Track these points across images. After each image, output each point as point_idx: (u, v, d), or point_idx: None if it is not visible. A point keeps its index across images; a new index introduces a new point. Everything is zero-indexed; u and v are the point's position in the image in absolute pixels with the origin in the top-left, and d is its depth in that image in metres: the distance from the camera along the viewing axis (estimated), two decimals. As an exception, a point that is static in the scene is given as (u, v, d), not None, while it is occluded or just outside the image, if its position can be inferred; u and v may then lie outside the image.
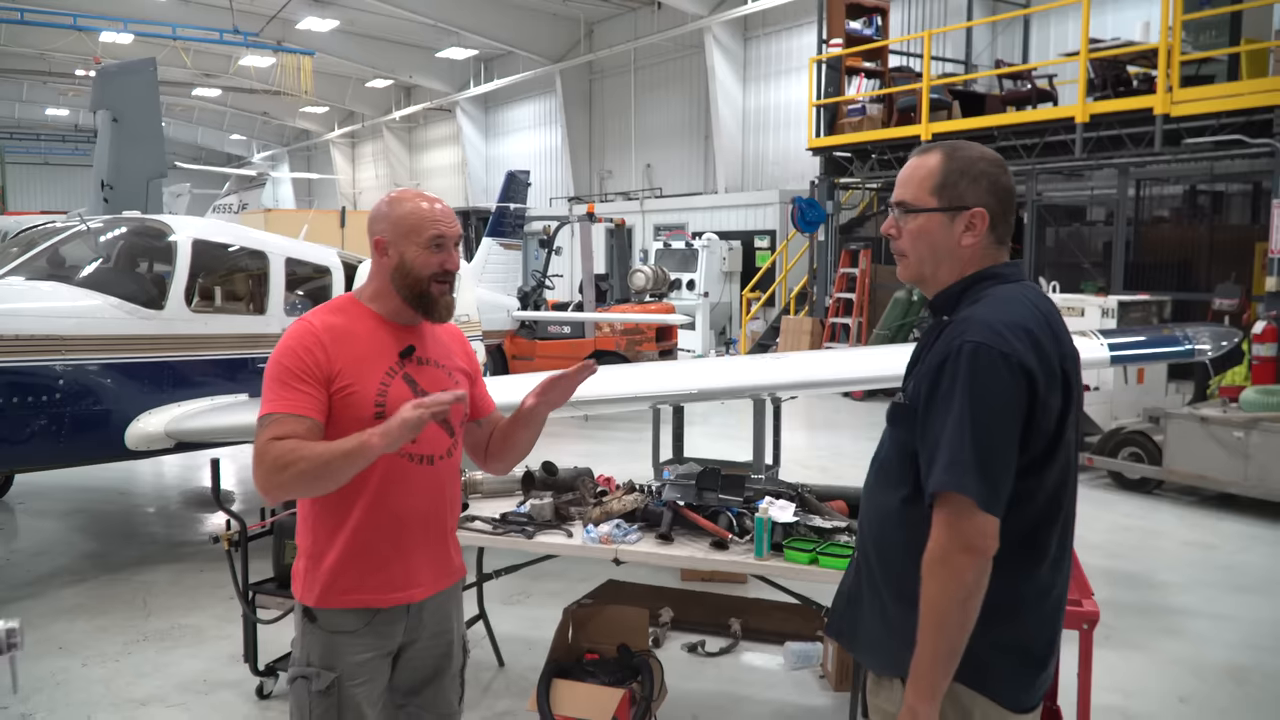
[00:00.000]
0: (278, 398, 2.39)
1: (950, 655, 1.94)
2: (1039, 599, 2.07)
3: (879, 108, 14.53)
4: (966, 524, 1.91)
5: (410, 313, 2.59)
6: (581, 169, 27.00)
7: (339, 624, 2.54)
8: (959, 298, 2.12)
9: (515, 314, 12.28)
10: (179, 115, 41.21)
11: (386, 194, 2.67)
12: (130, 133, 11.51)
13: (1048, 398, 1.97)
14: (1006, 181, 2.13)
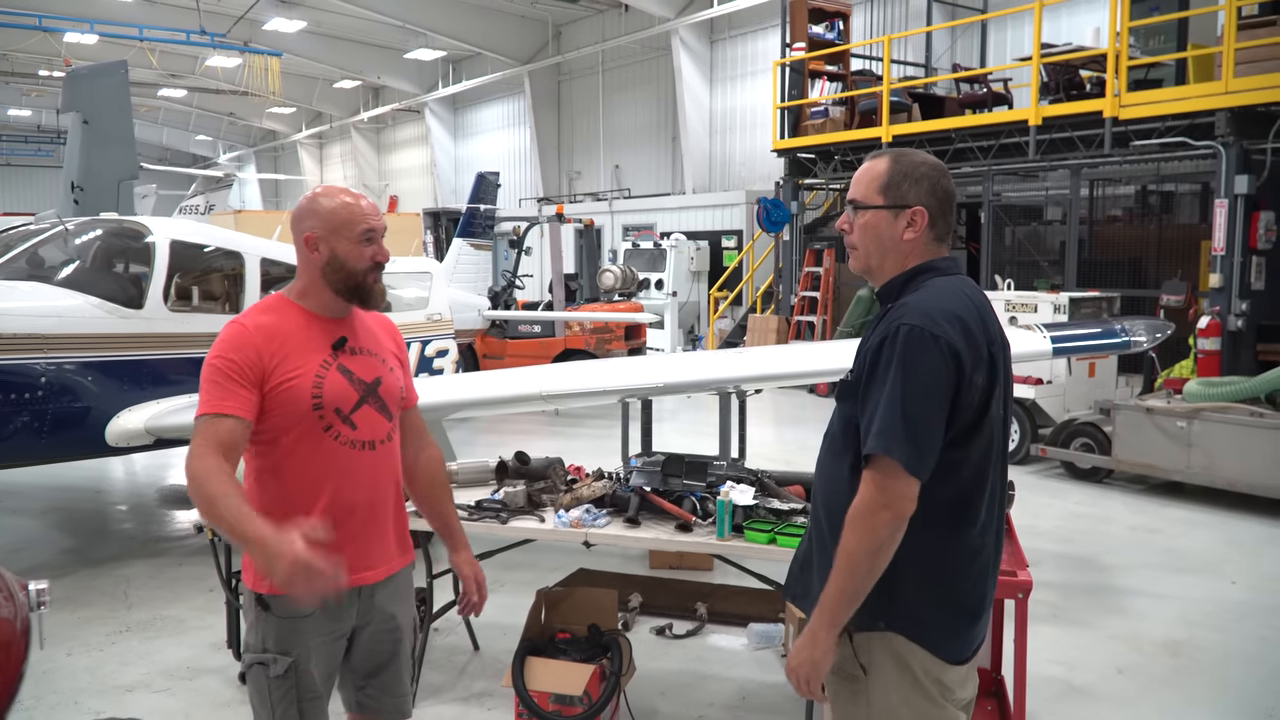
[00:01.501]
0: (210, 398, 2.49)
1: (854, 596, 2.20)
2: (970, 559, 2.31)
3: (841, 110, 14.85)
4: (891, 484, 2.15)
5: (341, 305, 2.69)
6: (550, 170, 27.16)
7: (290, 609, 2.58)
8: (902, 288, 2.36)
9: (486, 313, 12.47)
10: (145, 116, 40.75)
11: (309, 192, 2.74)
12: (101, 135, 11.57)
13: (973, 376, 2.21)
14: (946, 185, 2.39)
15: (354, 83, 32.67)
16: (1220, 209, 10.24)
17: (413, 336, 8.44)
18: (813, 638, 2.24)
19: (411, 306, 8.91)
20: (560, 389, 5.69)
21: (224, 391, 2.47)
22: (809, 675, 2.27)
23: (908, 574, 2.24)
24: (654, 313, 17.22)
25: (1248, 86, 9.86)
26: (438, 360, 8.53)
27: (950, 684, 2.32)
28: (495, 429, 11.78)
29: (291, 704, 2.65)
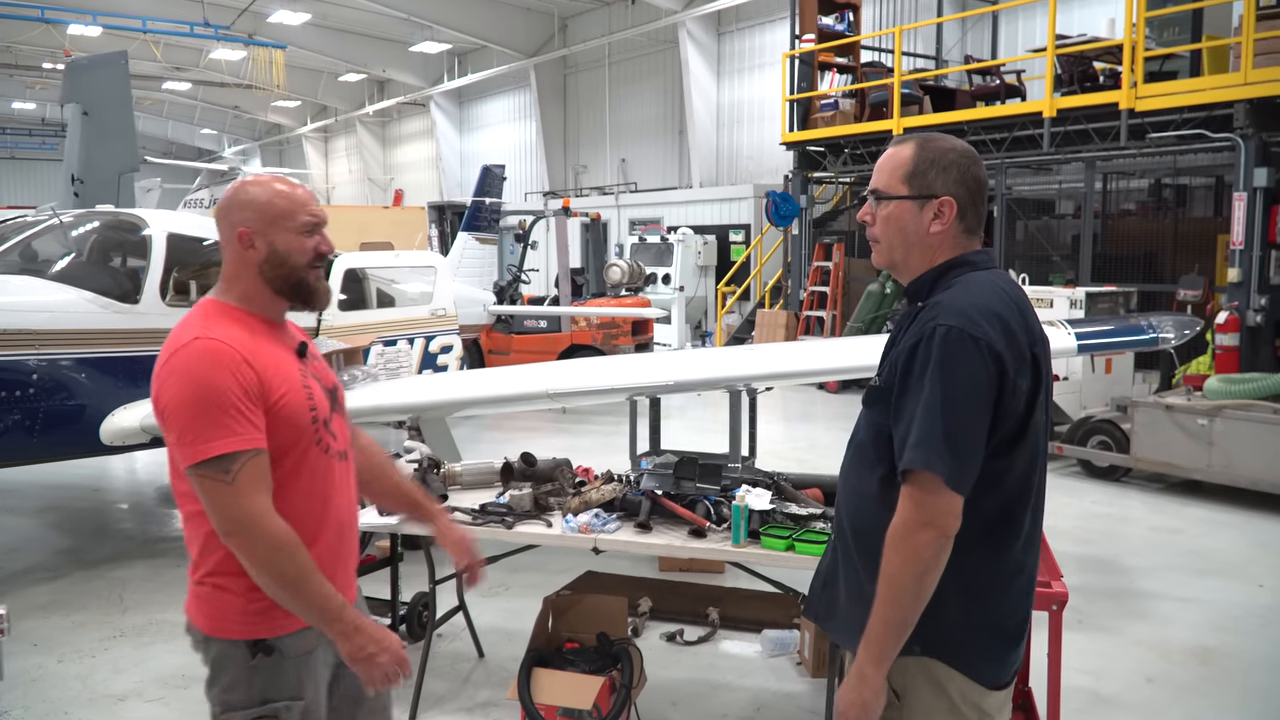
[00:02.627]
0: (236, 431, 2.16)
1: (902, 625, 2.02)
2: (1012, 577, 2.15)
3: (851, 103, 14.65)
4: (932, 501, 1.98)
5: (281, 307, 2.41)
6: (556, 163, 26.97)
7: (301, 646, 2.35)
8: (932, 284, 2.19)
9: (491, 308, 12.29)
10: (149, 109, 40.66)
11: (236, 182, 2.43)
12: (101, 127, 11.41)
13: (1017, 380, 2.03)
14: (977, 172, 2.20)
15: (359, 76, 32.47)
16: (1239, 202, 10.03)
17: (417, 332, 8.29)
18: (860, 677, 2.06)
19: (415, 301, 8.75)
20: (567, 387, 5.52)
21: (242, 422, 2.17)
22: (860, 718, 2.08)
23: (947, 595, 2.05)
24: (661, 308, 17.08)
25: (1267, 78, 9.65)
26: (442, 356, 8.37)
27: (990, 710, 2.16)
28: (501, 426, 11.62)
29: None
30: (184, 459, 2.17)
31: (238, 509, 2.16)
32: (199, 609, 2.33)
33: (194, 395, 2.15)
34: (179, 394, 2.17)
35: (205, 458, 2.14)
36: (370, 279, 8.71)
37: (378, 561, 5.10)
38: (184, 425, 2.16)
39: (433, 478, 4.44)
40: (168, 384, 2.19)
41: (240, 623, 2.29)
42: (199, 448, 2.15)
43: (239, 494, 2.16)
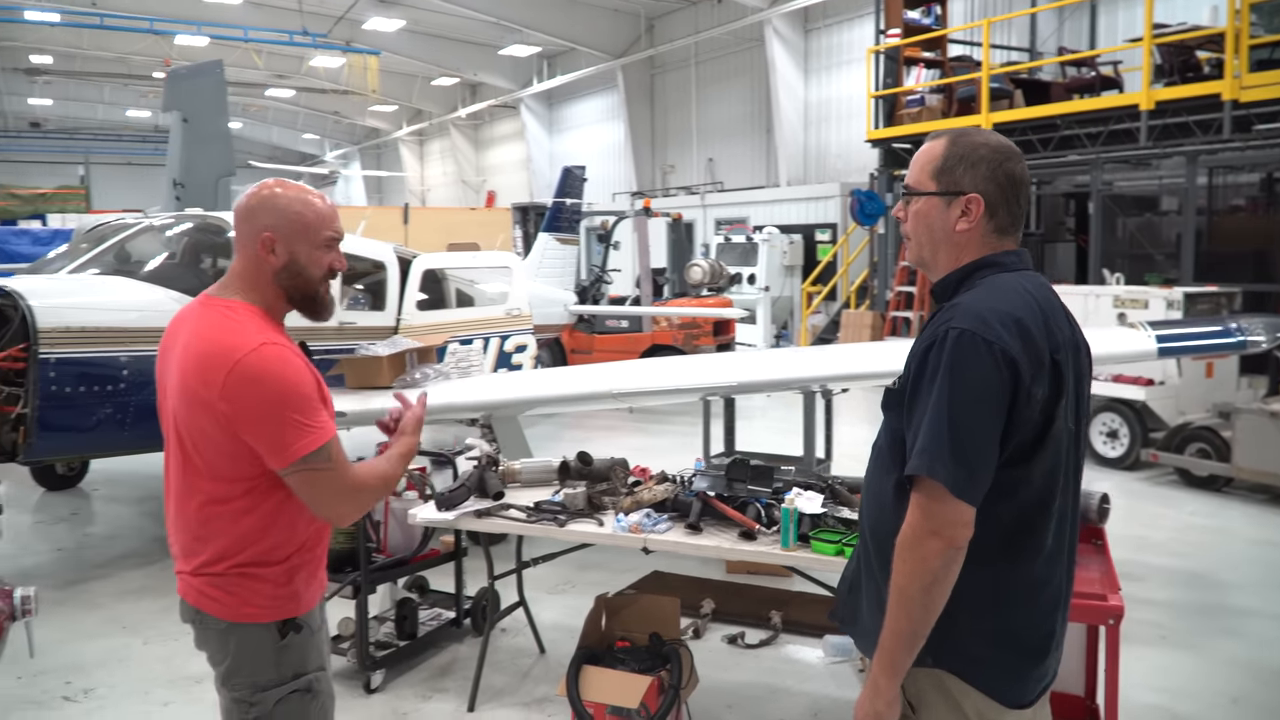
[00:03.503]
0: (319, 425, 2.30)
1: (912, 637, 1.97)
2: (1032, 592, 2.07)
3: (939, 98, 14.32)
4: (939, 509, 1.92)
5: (286, 311, 2.49)
6: (644, 164, 27.05)
7: (317, 620, 2.52)
8: (958, 285, 2.13)
9: (571, 308, 12.38)
10: (254, 115, 42.24)
11: (261, 185, 2.46)
12: (199, 133, 11.84)
13: (1033, 387, 1.95)
14: (1011, 169, 2.11)
15: (452, 80, 33.10)
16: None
17: (492, 332, 8.40)
18: (874, 688, 2.02)
19: (492, 301, 8.88)
20: (630, 387, 5.53)
21: (323, 416, 2.33)
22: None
23: (961, 608, 1.99)
24: (746, 308, 16.97)
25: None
26: (516, 356, 8.47)
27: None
28: (580, 425, 11.70)
29: (325, 716, 2.54)
30: (285, 459, 2.27)
31: (345, 485, 2.35)
32: (221, 598, 2.38)
33: (282, 399, 2.25)
34: (266, 400, 2.24)
35: (308, 451, 2.27)
36: (449, 279, 8.87)
37: (441, 556, 5.18)
38: (279, 428, 2.25)
39: (490, 475, 4.49)
40: (248, 391, 2.24)
41: (269, 607, 2.39)
42: (300, 445, 2.26)
43: (343, 473, 2.34)
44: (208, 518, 2.38)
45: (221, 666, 2.44)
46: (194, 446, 2.35)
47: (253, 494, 2.35)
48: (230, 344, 2.28)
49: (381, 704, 4.61)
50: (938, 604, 1.95)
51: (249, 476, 2.34)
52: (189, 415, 2.33)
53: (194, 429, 2.33)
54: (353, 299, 8.12)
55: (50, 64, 31.43)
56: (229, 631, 2.39)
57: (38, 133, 39.62)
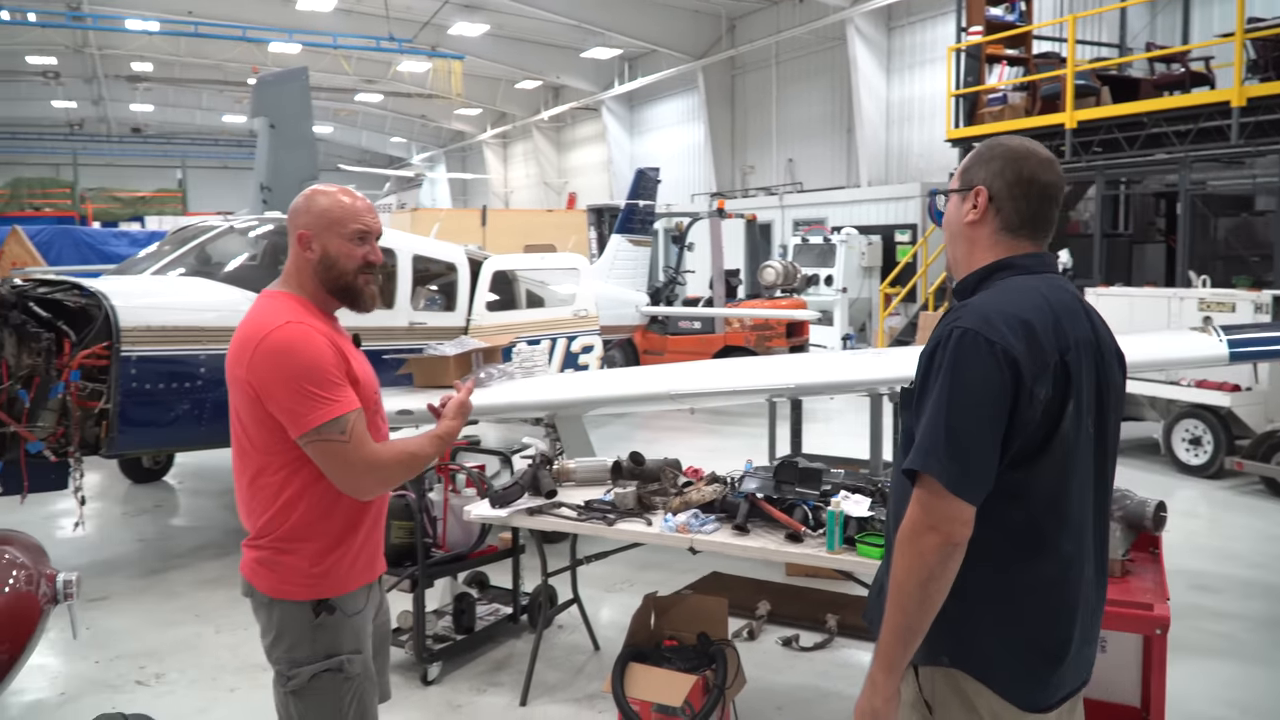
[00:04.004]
0: (336, 398, 2.44)
1: (909, 632, 1.96)
2: (1045, 595, 2.05)
3: (1022, 96, 13.98)
4: (937, 505, 1.93)
5: (333, 304, 2.66)
6: (724, 164, 27.01)
7: (356, 605, 2.63)
8: (975, 287, 2.16)
9: (643, 309, 12.44)
10: (344, 120, 43.35)
11: (308, 189, 2.69)
12: (285, 137, 12.22)
13: (1035, 388, 1.95)
14: (1028, 171, 2.12)
15: (535, 83, 33.50)
16: None
17: (559, 333, 8.51)
18: (872, 684, 2.03)
19: (559, 302, 8.99)
20: (687, 388, 5.56)
21: (342, 390, 2.47)
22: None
23: (975, 608, 2.01)
24: (823, 309, 16.81)
25: None
26: (583, 356, 8.57)
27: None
28: (650, 426, 11.76)
29: (363, 697, 2.64)
30: (300, 428, 2.43)
31: (360, 460, 2.47)
32: (263, 574, 2.56)
33: (298, 371, 2.42)
34: (282, 371, 2.43)
35: (322, 422, 2.42)
36: (520, 281, 9.00)
37: (499, 552, 5.28)
38: (294, 399, 2.42)
39: (543, 473, 4.57)
40: (269, 364, 2.43)
41: (304, 585, 2.54)
42: (315, 415, 2.42)
43: (357, 447, 2.47)
44: (254, 492, 2.57)
45: (267, 639, 2.61)
46: (240, 424, 2.55)
47: (287, 469, 2.51)
48: (260, 325, 2.49)
49: (437, 696, 4.73)
50: (935, 600, 1.95)
51: (282, 452, 2.49)
52: (233, 394, 2.55)
53: (237, 407, 2.54)
54: (429, 300, 8.30)
55: (150, 71, 32.79)
56: (271, 605, 2.57)
57: (138, 138, 41.30)
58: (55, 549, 6.83)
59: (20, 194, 25.99)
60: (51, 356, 5.54)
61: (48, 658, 5.25)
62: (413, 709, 4.60)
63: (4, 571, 2.12)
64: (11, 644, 2.01)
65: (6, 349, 5.47)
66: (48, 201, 25.86)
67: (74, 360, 5.58)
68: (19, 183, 26.16)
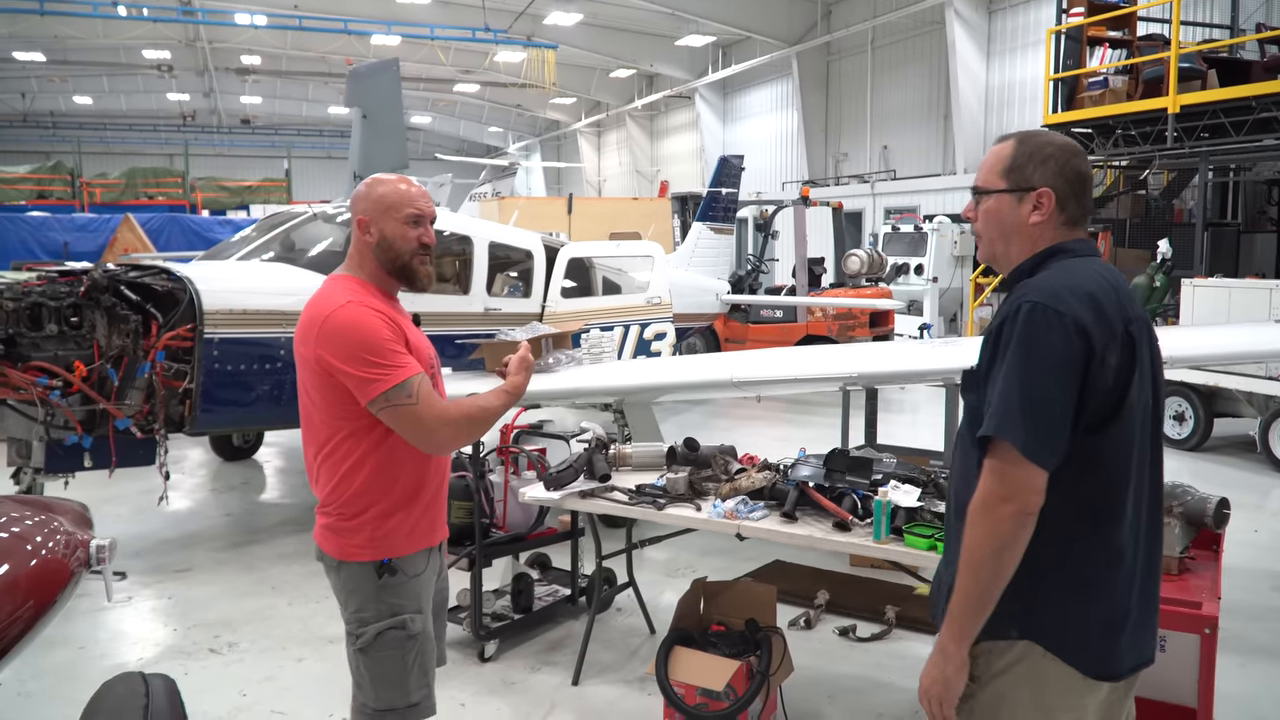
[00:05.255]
0: (402, 364, 2.62)
1: (981, 601, 2.01)
2: (1114, 564, 2.10)
3: (1124, 80, 13.44)
4: (1011, 473, 1.98)
5: (393, 285, 2.85)
6: (817, 152, 26.66)
7: (416, 567, 2.81)
8: (1031, 271, 2.22)
9: (724, 297, 12.41)
10: (442, 110, 44.15)
11: (369, 179, 2.89)
12: (377, 127, 12.54)
13: (1105, 355, 2.02)
14: (1078, 165, 2.22)
15: (628, 71, 33.60)
16: None
17: (633, 319, 8.56)
18: (942, 654, 2.07)
19: (633, 289, 9.03)
20: (750, 375, 5.53)
21: (404, 356, 2.65)
22: (941, 696, 2.09)
23: (1047, 578, 2.05)
24: (913, 299, 16.49)
25: None
26: (655, 343, 8.59)
27: (1087, 706, 2.10)
28: (727, 414, 11.74)
29: (424, 656, 2.82)
30: (368, 395, 2.62)
31: (431, 417, 2.65)
32: (331, 538, 2.78)
33: (361, 344, 2.62)
34: (348, 346, 2.61)
35: (389, 386, 2.60)
36: (596, 268, 9.08)
37: (558, 534, 5.35)
38: (362, 369, 2.61)
39: (598, 457, 4.61)
40: (333, 341, 2.63)
41: (367, 547, 2.73)
42: (380, 382, 2.61)
43: (427, 407, 2.65)
44: (322, 462, 2.76)
45: (340, 600, 2.82)
46: (308, 398, 2.75)
47: (352, 439, 2.69)
48: (322, 307, 2.70)
49: (493, 672, 4.83)
50: (1008, 569, 1.99)
51: (349, 422, 2.68)
52: (301, 371, 2.75)
53: (305, 383, 2.74)
54: (512, 287, 8.44)
55: (258, 64, 33.94)
56: (340, 569, 2.78)
57: (247, 129, 42.81)
58: (146, 522, 7.29)
59: (135, 184, 27.15)
60: (139, 338, 5.81)
61: (130, 624, 5.54)
62: (468, 683, 4.71)
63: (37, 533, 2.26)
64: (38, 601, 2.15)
65: (98, 330, 5.76)
66: (160, 190, 26.96)
67: (160, 341, 5.84)
68: (134, 173, 27.33)
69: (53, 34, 27.84)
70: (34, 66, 33.49)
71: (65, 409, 5.67)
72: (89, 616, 5.68)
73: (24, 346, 5.66)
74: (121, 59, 33.50)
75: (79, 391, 5.68)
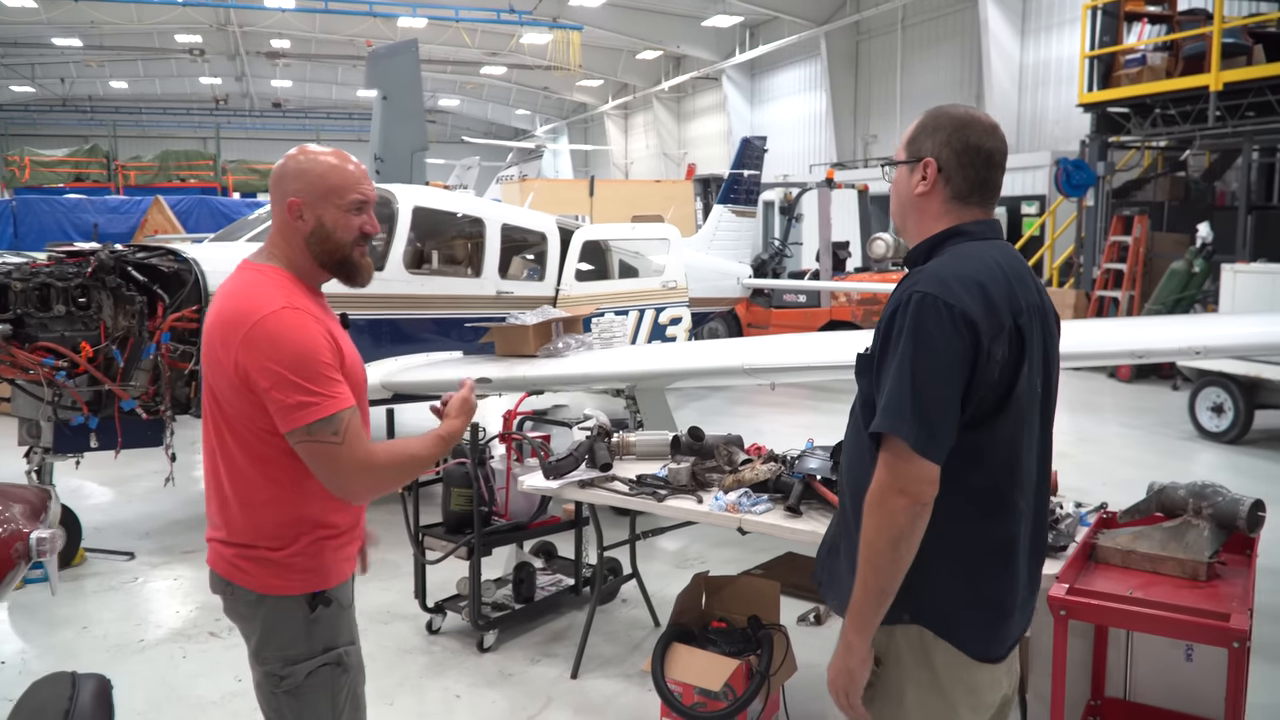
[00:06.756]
0: (330, 394, 2.24)
1: (881, 593, 2.03)
2: (1003, 552, 2.14)
3: (1163, 56, 13.07)
4: (904, 467, 1.99)
5: (323, 277, 2.46)
6: (845, 134, 26.29)
7: (347, 596, 2.51)
8: (928, 253, 2.20)
9: (745, 281, 12.22)
10: (470, 92, 44.07)
11: (296, 150, 2.45)
12: (396, 110, 12.46)
13: (992, 348, 2.02)
14: (974, 140, 2.17)
15: (655, 53, 33.30)
16: None
17: (648, 304, 8.41)
18: (846, 647, 2.11)
19: (646, 273, 8.88)
20: (761, 362, 5.38)
21: (337, 385, 2.27)
22: (846, 688, 2.12)
23: (935, 566, 2.08)
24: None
25: None
26: (671, 328, 8.44)
27: (978, 686, 2.17)
28: (748, 401, 11.57)
29: (354, 690, 2.53)
30: (291, 424, 2.23)
31: (352, 462, 2.26)
32: (250, 570, 2.38)
33: (293, 362, 2.21)
34: (277, 361, 2.21)
35: (314, 419, 2.21)
36: (612, 251, 8.93)
37: (561, 523, 5.24)
38: (286, 392, 2.21)
39: (600, 446, 4.49)
40: (260, 351, 2.22)
41: (298, 579, 2.37)
42: (306, 412, 2.21)
43: (350, 448, 2.26)
44: (236, 485, 2.38)
45: (253, 639, 2.44)
46: (220, 411, 2.36)
47: (276, 462, 2.32)
48: (250, 306, 2.28)
49: (491, 663, 4.73)
50: (905, 560, 2.01)
51: (270, 441, 2.30)
52: (213, 377, 2.35)
53: (219, 392, 2.34)
54: (530, 270, 8.31)
55: (288, 48, 34.01)
56: (259, 603, 2.38)
57: (277, 112, 42.99)
58: (157, 503, 7.26)
59: (168, 166, 27.35)
60: (144, 319, 5.74)
61: (136, 605, 5.51)
62: (465, 674, 4.61)
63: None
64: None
65: (104, 310, 5.71)
66: (192, 173, 27.11)
67: (165, 322, 5.77)
68: (167, 155, 27.54)
69: (89, 20, 28.07)
70: (72, 52, 33.82)
71: (71, 389, 5.63)
72: (96, 597, 5.69)
73: (32, 327, 5.63)
74: (155, 43, 33.73)
75: (85, 372, 5.64)
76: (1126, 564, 3.31)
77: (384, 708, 4.33)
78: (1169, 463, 8.73)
